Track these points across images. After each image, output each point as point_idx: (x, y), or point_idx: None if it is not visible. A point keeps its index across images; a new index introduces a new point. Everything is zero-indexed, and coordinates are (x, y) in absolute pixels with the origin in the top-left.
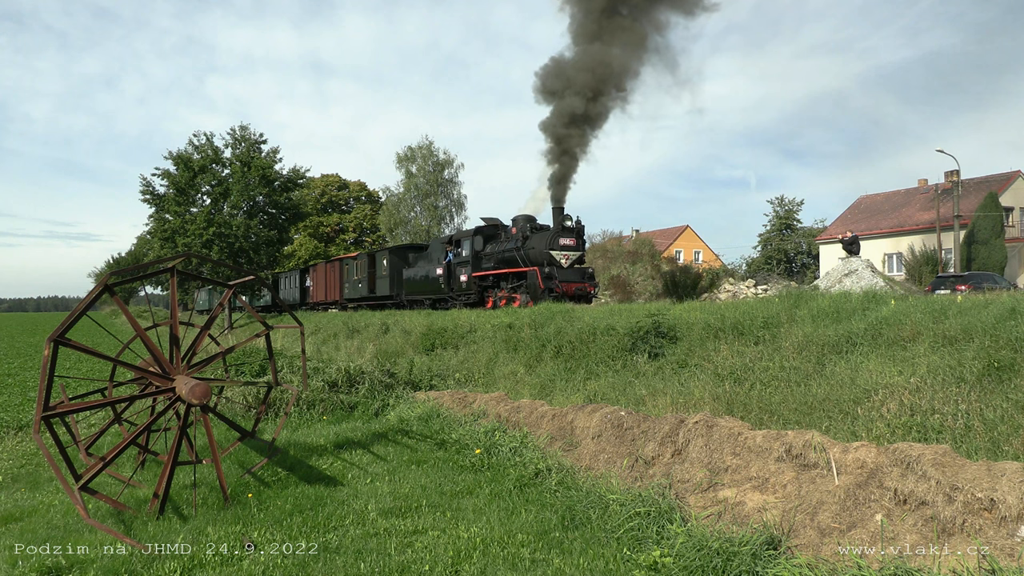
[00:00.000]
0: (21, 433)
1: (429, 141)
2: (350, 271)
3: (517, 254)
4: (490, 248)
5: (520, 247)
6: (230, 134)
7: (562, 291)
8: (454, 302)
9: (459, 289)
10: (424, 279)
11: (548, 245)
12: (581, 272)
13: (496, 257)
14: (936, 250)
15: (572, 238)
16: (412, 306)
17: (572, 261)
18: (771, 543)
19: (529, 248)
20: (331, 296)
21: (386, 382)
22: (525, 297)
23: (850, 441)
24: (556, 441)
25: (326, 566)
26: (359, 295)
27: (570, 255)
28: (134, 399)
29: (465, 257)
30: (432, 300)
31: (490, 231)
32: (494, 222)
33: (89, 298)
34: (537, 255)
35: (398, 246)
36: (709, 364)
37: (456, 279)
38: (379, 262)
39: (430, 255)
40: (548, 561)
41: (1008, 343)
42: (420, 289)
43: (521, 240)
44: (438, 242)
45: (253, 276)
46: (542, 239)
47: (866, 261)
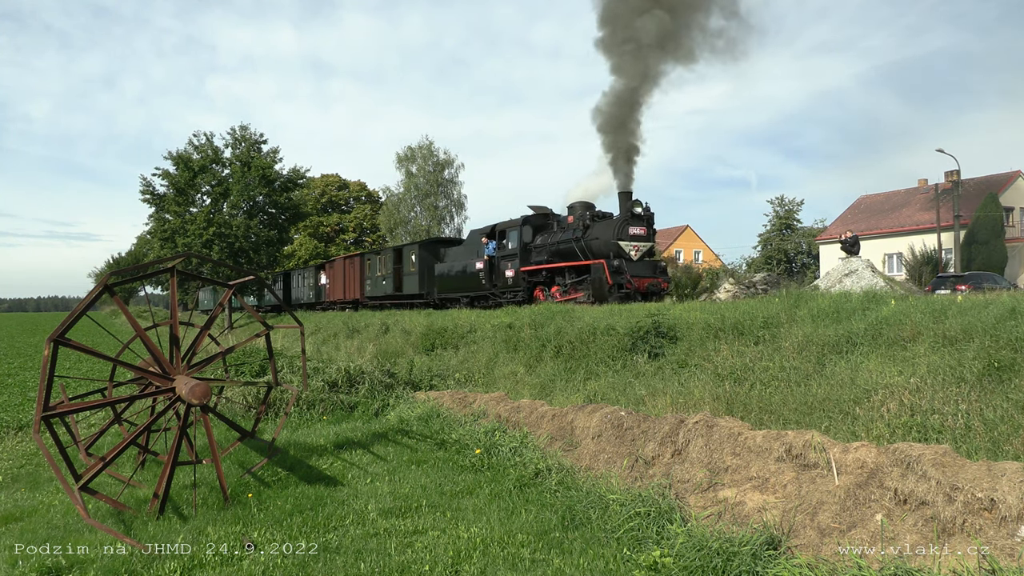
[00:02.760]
0: (21, 433)
1: (429, 141)
2: (372, 267)
3: (576, 245)
4: (541, 239)
5: (581, 237)
6: (230, 134)
7: (633, 287)
8: (497, 300)
9: (504, 285)
10: (461, 275)
11: (616, 235)
12: (652, 266)
13: (550, 249)
14: (936, 250)
15: (642, 226)
16: (446, 305)
17: (643, 253)
18: (771, 543)
19: (592, 238)
20: (350, 294)
21: (386, 382)
22: (587, 293)
23: (850, 441)
24: (556, 441)
25: (326, 566)
26: (383, 293)
27: (640, 246)
28: (134, 399)
29: (511, 250)
30: (470, 298)
31: (539, 220)
32: (543, 210)
33: (89, 298)
34: (602, 246)
35: (429, 239)
36: (709, 364)
37: (500, 274)
38: (407, 257)
39: (467, 249)
40: (548, 561)
41: (1008, 343)
42: (456, 286)
43: (582, 229)
44: (476, 234)
45: (253, 276)
46: (607, 228)
47: (866, 261)
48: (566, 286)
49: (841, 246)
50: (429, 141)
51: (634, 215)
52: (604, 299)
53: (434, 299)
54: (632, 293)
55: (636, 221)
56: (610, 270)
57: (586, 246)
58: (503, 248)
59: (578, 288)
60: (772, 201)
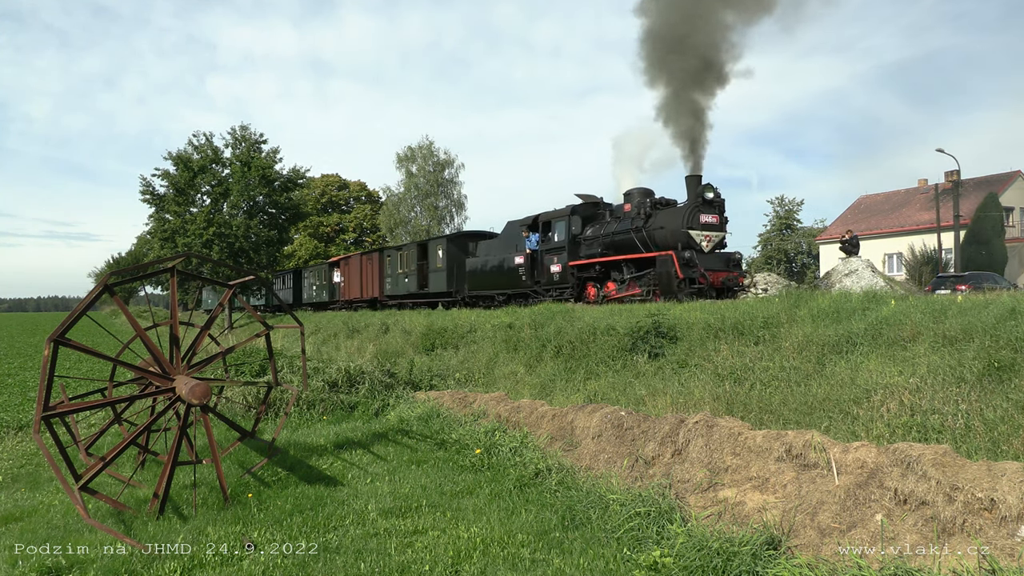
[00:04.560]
0: (21, 433)
1: (429, 141)
2: (392, 264)
3: (636, 236)
4: (592, 231)
5: (642, 227)
6: (230, 134)
7: (707, 281)
8: (540, 297)
9: (548, 282)
10: (496, 271)
11: (685, 223)
12: (726, 258)
13: (603, 241)
14: (936, 250)
15: (715, 214)
16: (478, 304)
17: (714, 244)
18: (771, 543)
19: (655, 228)
20: (368, 293)
21: (386, 382)
22: (649, 289)
23: (850, 441)
24: (556, 441)
25: (326, 566)
26: (404, 291)
27: (713, 236)
28: (134, 399)
29: (558, 243)
30: (508, 296)
31: (589, 210)
32: (592, 198)
33: (89, 298)
34: (668, 236)
35: (458, 233)
36: (709, 364)
37: (543, 270)
38: (433, 252)
39: (503, 242)
40: (548, 561)
41: (1008, 343)
42: (490, 283)
43: (642, 218)
44: (515, 226)
45: (253, 276)
46: (674, 216)
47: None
48: (623, 281)
49: (841, 246)
50: (429, 141)
51: (706, 201)
52: (672, 295)
53: (464, 297)
54: (706, 289)
55: (708, 208)
56: (680, 262)
57: (648, 237)
58: (548, 241)
59: (638, 283)
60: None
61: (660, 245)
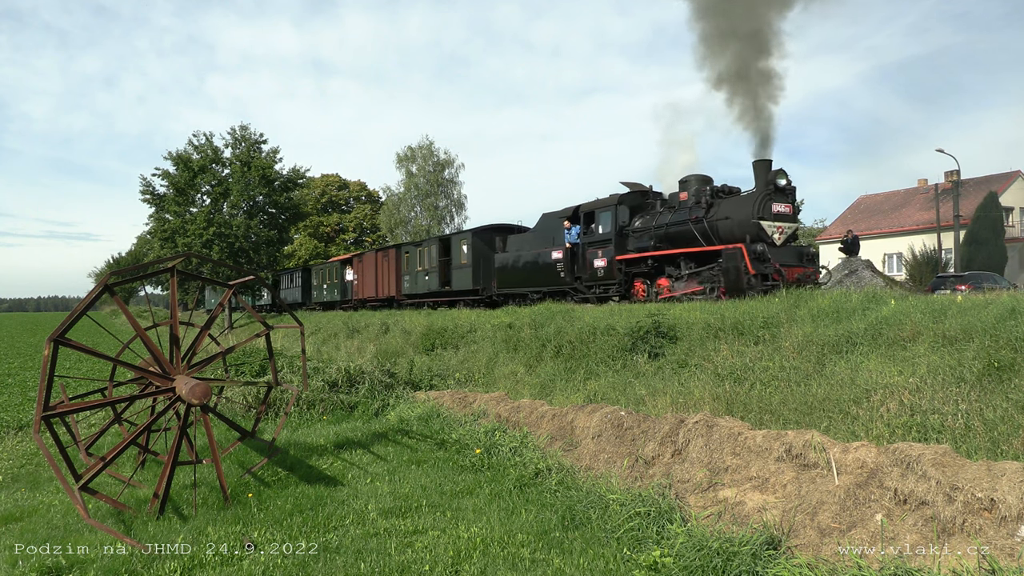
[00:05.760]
0: (21, 433)
1: (429, 141)
2: (411, 261)
3: (696, 227)
4: (641, 222)
5: (702, 217)
6: (230, 134)
7: (782, 277)
8: (582, 295)
9: (592, 278)
10: (531, 267)
11: (756, 212)
12: (799, 252)
13: (655, 233)
14: (936, 250)
15: (787, 203)
16: (508, 301)
17: (787, 236)
18: (771, 543)
19: (719, 218)
20: (384, 291)
21: (386, 382)
22: (711, 286)
23: (850, 441)
24: (556, 441)
25: (326, 566)
26: (425, 290)
27: (785, 227)
28: (134, 399)
29: (603, 235)
30: (544, 293)
31: (637, 200)
32: (640, 187)
33: (89, 298)
34: (734, 228)
35: (485, 227)
36: (709, 364)
37: (586, 265)
38: (456, 248)
39: (537, 236)
40: (548, 561)
41: (1008, 343)
42: (523, 279)
43: (703, 208)
44: (551, 218)
45: (253, 276)
46: (742, 205)
47: (866, 261)
48: (680, 277)
49: (841, 246)
50: (429, 141)
51: (778, 188)
52: (740, 293)
53: (492, 295)
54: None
55: (780, 196)
56: (750, 257)
57: (710, 228)
58: (591, 233)
59: (698, 280)
60: None
61: (724, 238)
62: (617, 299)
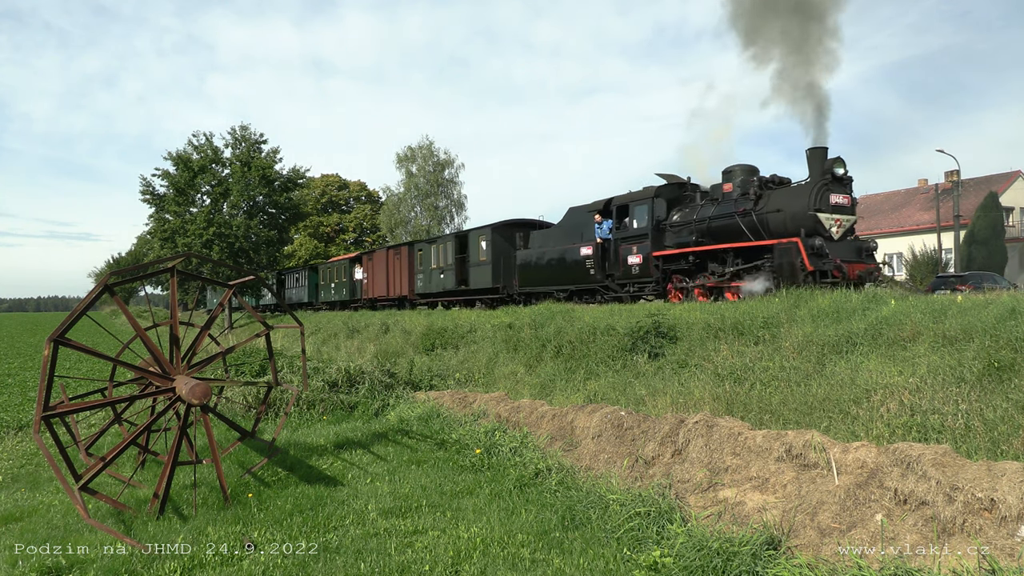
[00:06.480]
0: (21, 433)
1: (429, 141)
2: (425, 258)
3: (743, 220)
4: (680, 216)
5: (750, 210)
6: (230, 134)
7: (843, 274)
8: (614, 293)
9: (625, 275)
10: (557, 264)
11: (812, 204)
12: (857, 247)
13: (697, 227)
14: (936, 250)
15: (845, 194)
16: (531, 301)
17: (845, 230)
18: (771, 543)
19: (769, 210)
20: (395, 291)
21: (386, 382)
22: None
23: (850, 441)
24: (556, 441)
25: (326, 566)
26: (440, 289)
27: (844, 220)
28: (134, 399)
29: (638, 230)
30: (571, 292)
31: (674, 192)
32: (677, 178)
33: (89, 298)
34: (787, 221)
35: (505, 222)
36: (709, 364)
37: (618, 261)
38: (474, 244)
39: (564, 231)
40: (548, 561)
41: (1008, 343)
42: (547, 277)
43: (752, 200)
44: (579, 212)
45: (253, 276)
46: (797, 196)
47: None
48: (724, 275)
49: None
50: (429, 141)
51: (835, 178)
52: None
53: (514, 294)
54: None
55: (838, 186)
56: (808, 252)
57: (760, 222)
58: (624, 228)
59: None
60: None
61: (775, 231)
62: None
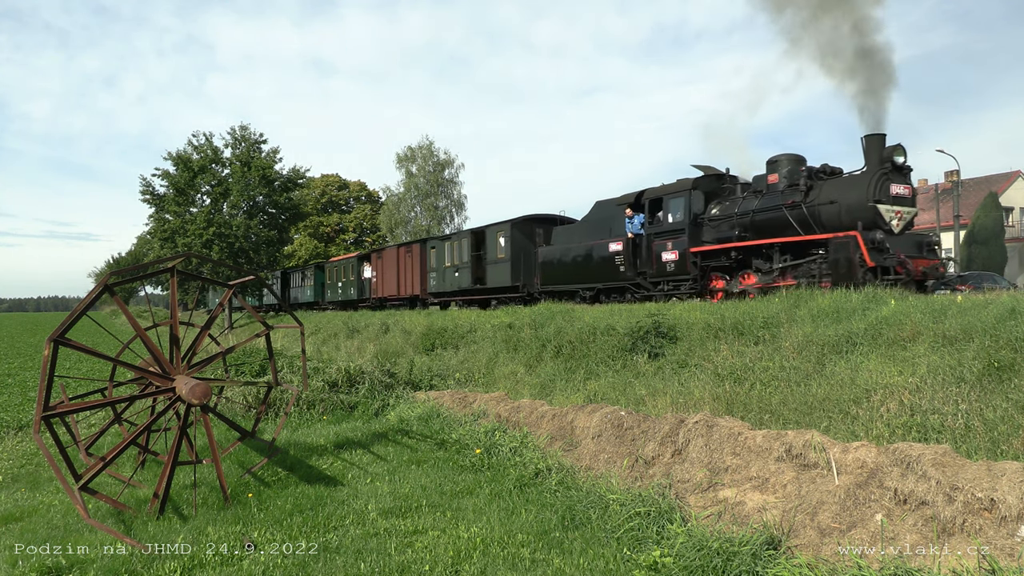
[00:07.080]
0: (21, 433)
1: (429, 141)
2: (439, 256)
3: (791, 213)
4: (719, 209)
5: (800, 202)
6: (230, 134)
7: (907, 271)
8: (646, 292)
9: (659, 272)
10: (583, 261)
11: (872, 195)
12: (918, 241)
13: (739, 221)
14: None
15: (906, 184)
16: (552, 299)
17: (905, 223)
18: (771, 543)
19: (822, 202)
20: (406, 290)
21: (386, 382)
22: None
23: (850, 441)
24: (556, 441)
25: (326, 566)
26: (455, 288)
27: (905, 212)
28: (134, 399)
29: (673, 224)
30: (598, 290)
31: (712, 184)
32: (714, 170)
33: (89, 298)
34: (842, 213)
35: (524, 217)
36: (709, 364)
37: (651, 258)
38: (492, 241)
39: (590, 226)
40: (548, 561)
41: (1008, 343)
42: (573, 275)
43: (801, 191)
44: (607, 206)
45: (253, 276)
46: (852, 186)
47: None
48: (770, 272)
49: None
50: (429, 141)
51: (895, 167)
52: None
53: (535, 292)
54: (906, 281)
55: (898, 176)
56: (868, 246)
57: (811, 214)
58: (658, 223)
59: (794, 274)
60: None
61: (829, 225)
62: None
